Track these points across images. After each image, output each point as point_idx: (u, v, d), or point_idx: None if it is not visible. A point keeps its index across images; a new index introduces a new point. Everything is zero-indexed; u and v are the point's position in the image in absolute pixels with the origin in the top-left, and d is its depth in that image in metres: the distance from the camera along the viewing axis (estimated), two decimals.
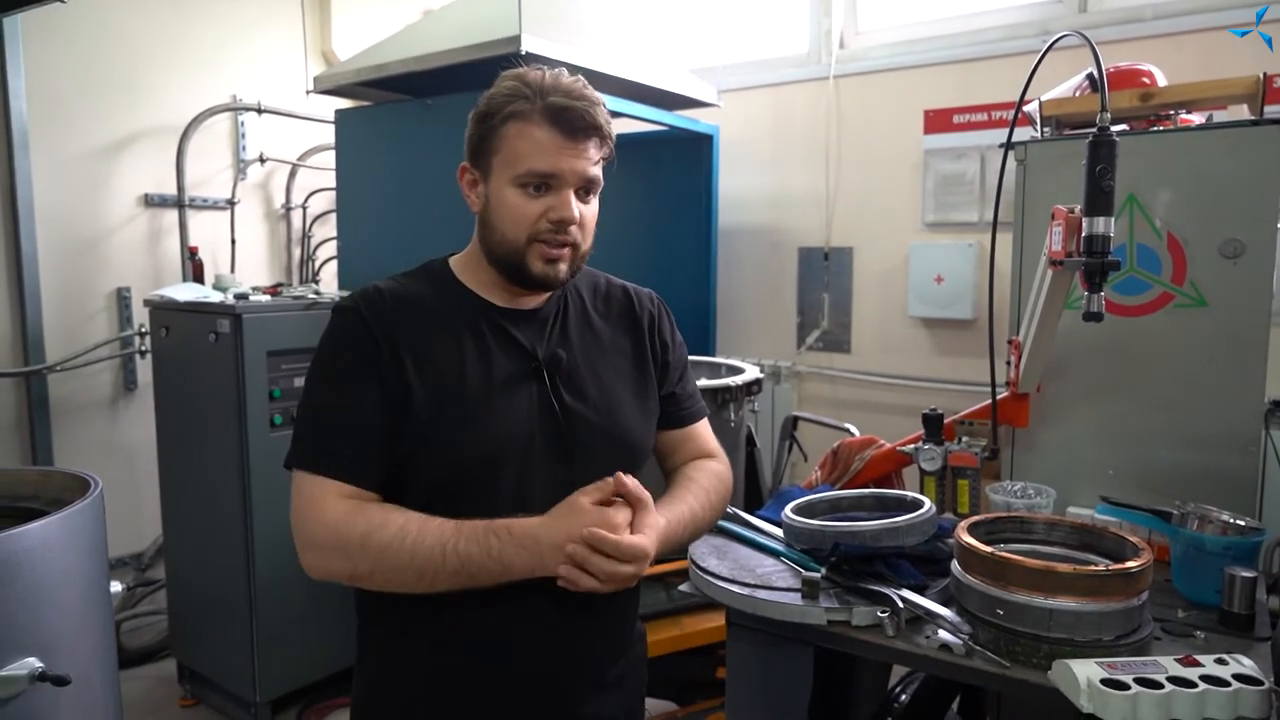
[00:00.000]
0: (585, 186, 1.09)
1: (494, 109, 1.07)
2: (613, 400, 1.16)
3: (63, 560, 1.48)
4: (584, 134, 1.06)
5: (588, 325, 1.20)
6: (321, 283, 3.85)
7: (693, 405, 1.30)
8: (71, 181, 3.16)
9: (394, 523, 1.01)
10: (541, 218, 1.06)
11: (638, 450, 1.19)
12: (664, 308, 1.30)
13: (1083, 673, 1.06)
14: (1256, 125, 1.57)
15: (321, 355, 1.10)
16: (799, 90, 3.53)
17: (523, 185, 1.06)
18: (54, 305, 3.12)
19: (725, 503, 1.27)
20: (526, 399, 1.10)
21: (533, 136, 1.05)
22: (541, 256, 1.08)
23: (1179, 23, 2.71)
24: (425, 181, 2.82)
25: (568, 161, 1.06)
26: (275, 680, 2.69)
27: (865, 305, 3.44)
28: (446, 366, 1.07)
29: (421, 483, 1.06)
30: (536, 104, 1.05)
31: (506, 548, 1.00)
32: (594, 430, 1.13)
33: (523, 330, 1.14)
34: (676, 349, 1.29)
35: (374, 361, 1.05)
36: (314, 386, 1.09)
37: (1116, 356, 1.67)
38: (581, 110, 1.05)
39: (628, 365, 1.21)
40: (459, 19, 2.79)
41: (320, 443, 1.06)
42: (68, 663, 1.44)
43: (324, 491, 1.04)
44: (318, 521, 1.03)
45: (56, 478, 1.73)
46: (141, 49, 3.31)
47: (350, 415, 1.05)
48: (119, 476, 3.25)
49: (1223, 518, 1.41)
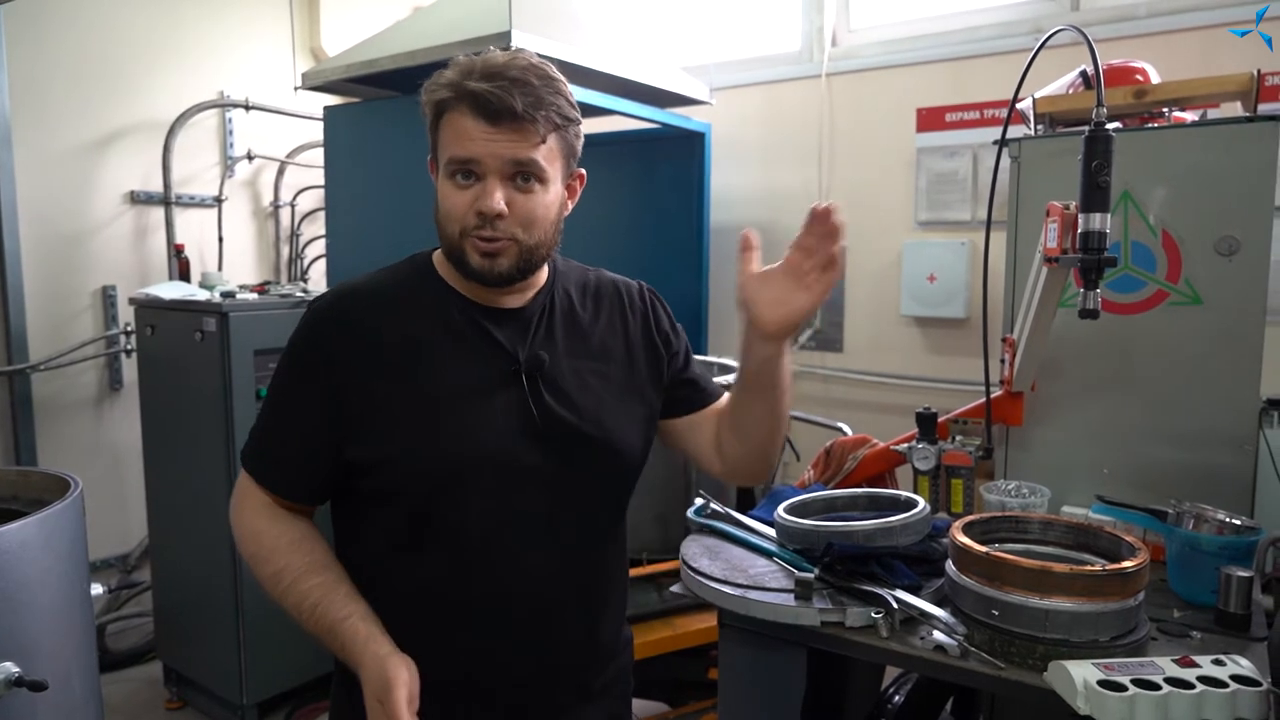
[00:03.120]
0: (520, 173, 1.01)
1: (430, 104, 1.04)
2: (599, 405, 1.11)
3: (41, 562, 1.45)
4: (506, 118, 0.98)
5: (574, 325, 1.15)
6: (310, 281, 3.82)
7: (707, 387, 1.27)
8: (55, 178, 3.12)
9: (275, 563, 1.04)
10: (469, 209, 1.01)
11: (626, 457, 1.14)
12: (656, 299, 1.26)
13: (1079, 674, 1.05)
14: (1251, 122, 1.56)
15: (283, 357, 1.10)
16: (791, 88, 3.52)
17: (451, 175, 1.02)
18: (38, 303, 3.08)
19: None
20: (505, 405, 1.05)
21: (458, 125, 1.00)
22: (476, 250, 1.02)
23: (1171, 21, 2.70)
24: (414, 178, 2.77)
25: (487, 146, 0.98)
26: (262, 683, 2.66)
27: (858, 304, 3.43)
28: (418, 370, 1.04)
29: (393, 495, 1.03)
30: (462, 92, 0.99)
31: (342, 649, 1.01)
32: (579, 437, 1.08)
33: (504, 330, 1.09)
34: (679, 337, 1.27)
35: (329, 370, 1.03)
36: (271, 387, 1.12)
37: (1111, 354, 1.66)
38: (500, 91, 0.97)
39: (617, 368, 1.16)
40: (449, 15, 2.76)
41: (259, 446, 1.09)
42: (46, 667, 1.41)
43: (249, 494, 1.08)
44: (236, 522, 1.09)
45: (35, 478, 1.70)
46: (127, 43, 3.27)
47: (290, 425, 1.07)
48: (104, 477, 3.21)
49: (1218, 517, 1.40)
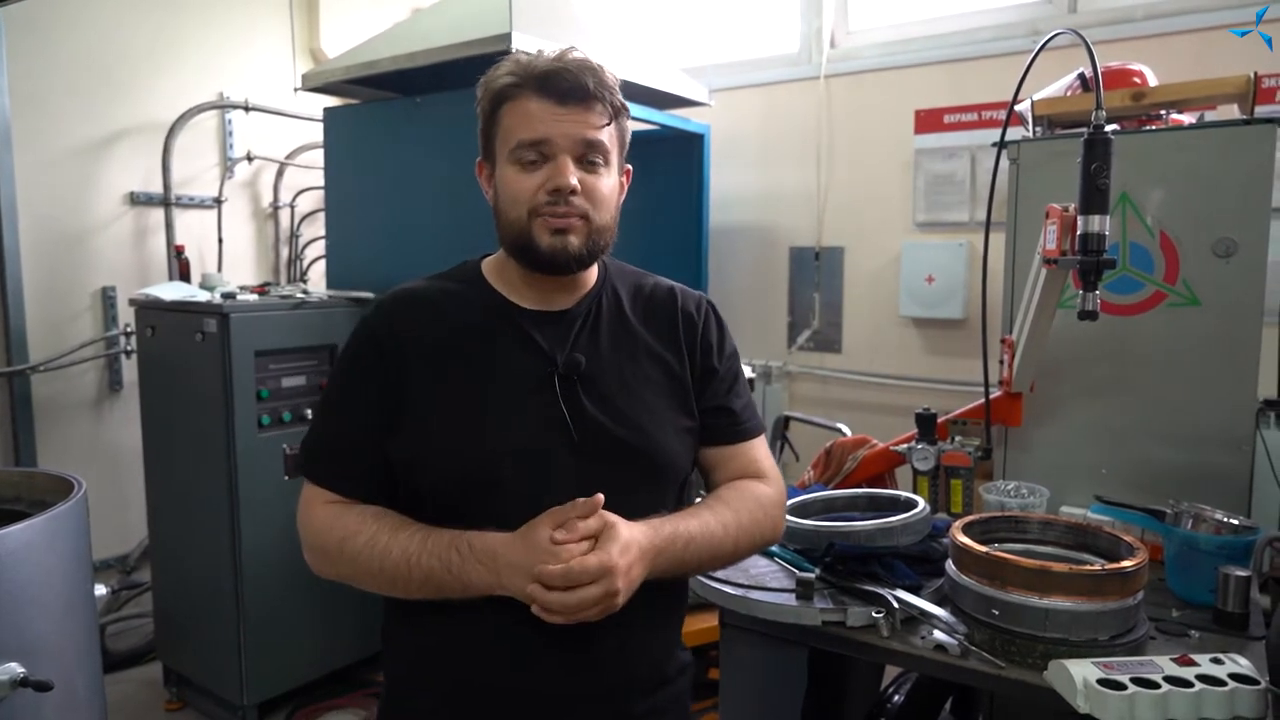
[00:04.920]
0: (587, 154, 1.03)
1: (489, 95, 1.06)
2: (641, 410, 1.08)
3: (45, 563, 1.45)
4: (575, 97, 1.02)
5: (623, 328, 1.12)
6: (310, 282, 3.82)
7: (743, 422, 1.17)
8: (55, 179, 3.11)
9: (366, 531, 1.01)
10: (540, 189, 1.02)
11: (667, 466, 1.09)
12: (713, 312, 1.21)
13: (1079, 673, 1.05)
14: (1248, 124, 1.57)
15: (336, 364, 1.14)
16: (790, 90, 3.53)
17: (518, 160, 1.03)
18: (38, 304, 3.07)
19: (764, 527, 1.12)
20: (541, 408, 1.04)
21: (524, 109, 1.03)
22: (547, 228, 1.02)
23: (1169, 23, 2.72)
24: (414, 180, 2.80)
25: (558, 126, 1.01)
26: (263, 683, 2.66)
27: (856, 305, 3.44)
28: (458, 374, 1.05)
29: (428, 493, 1.04)
30: (527, 78, 1.03)
31: (466, 563, 0.96)
32: (615, 442, 1.05)
33: (545, 332, 1.08)
34: (725, 359, 1.18)
35: (377, 373, 1.06)
36: (325, 393, 1.14)
37: (1109, 356, 1.67)
38: (568, 72, 1.01)
39: (662, 374, 1.12)
40: (449, 16, 2.77)
41: (317, 451, 1.10)
42: (50, 667, 1.41)
43: (314, 497, 1.08)
44: (307, 526, 1.07)
45: (39, 479, 1.70)
46: (128, 44, 3.27)
47: (344, 425, 1.08)
48: (104, 478, 3.20)
49: (1216, 517, 1.41)
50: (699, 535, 1.04)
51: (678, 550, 1.01)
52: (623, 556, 0.93)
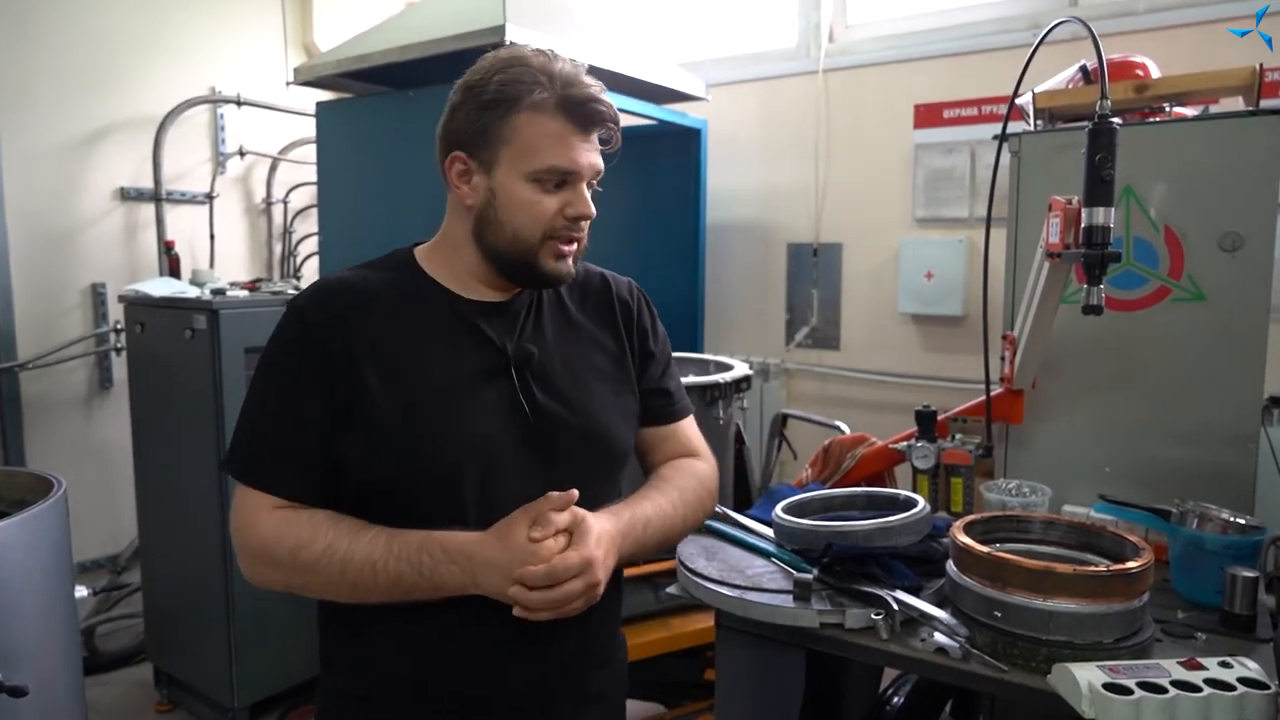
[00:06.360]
0: (593, 180, 1.07)
1: (505, 97, 1.00)
2: (590, 398, 1.10)
3: (23, 564, 1.42)
4: (598, 126, 1.04)
5: (564, 318, 1.14)
6: (303, 279, 3.79)
7: (675, 402, 1.24)
8: (44, 174, 3.08)
9: (322, 538, 0.96)
10: (558, 214, 1.03)
11: (618, 451, 1.14)
12: (644, 298, 1.25)
13: (1084, 677, 1.02)
14: (1254, 116, 1.54)
15: (266, 357, 1.04)
16: (788, 84, 3.50)
17: (539, 181, 1.02)
18: (26, 301, 3.04)
19: (706, 503, 1.20)
20: (495, 398, 1.04)
21: (548, 128, 1.01)
22: (554, 254, 1.04)
23: (1171, 16, 2.69)
24: (408, 174, 2.76)
25: (585, 156, 1.03)
26: (254, 684, 2.63)
27: (855, 302, 3.41)
28: (405, 365, 1.01)
29: (381, 490, 1.00)
30: (553, 94, 1.00)
31: (439, 565, 0.95)
32: (569, 431, 1.07)
33: (492, 324, 1.07)
34: (658, 341, 1.23)
35: (317, 367, 0.99)
36: (255, 389, 1.04)
37: (1113, 352, 1.64)
38: (602, 104, 1.03)
39: (606, 360, 1.15)
40: (442, 10, 2.73)
41: (256, 452, 1.02)
42: (29, 671, 1.38)
43: (258, 503, 1.00)
44: (252, 533, 1.00)
45: (20, 478, 1.67)
46: (117, 38, 3.23)
47: (286, 425, 1.01)
48: (93, 477, 3.18)
49: (1222, 516, 1.38)
50: (655, 517, 1.09)
51: (638, 534, 1.06)
52: (599, 548, 0.97)
